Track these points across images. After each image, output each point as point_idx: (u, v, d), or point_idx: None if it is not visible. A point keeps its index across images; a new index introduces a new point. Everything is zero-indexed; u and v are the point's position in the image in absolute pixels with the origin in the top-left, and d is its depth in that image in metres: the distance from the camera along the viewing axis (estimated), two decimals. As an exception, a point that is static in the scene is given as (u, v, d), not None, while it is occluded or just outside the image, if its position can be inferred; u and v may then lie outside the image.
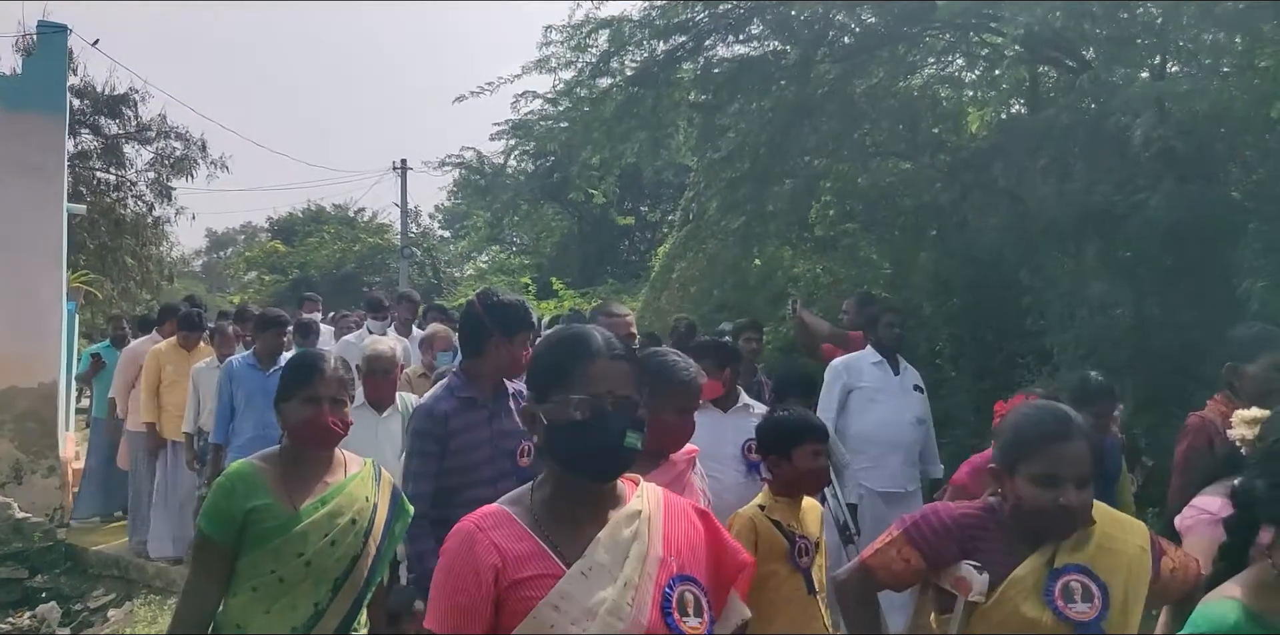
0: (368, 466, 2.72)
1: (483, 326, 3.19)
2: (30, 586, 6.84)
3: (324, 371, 2.59)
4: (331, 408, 2.55)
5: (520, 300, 3.30)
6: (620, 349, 1.69)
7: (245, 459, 2.62)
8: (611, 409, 1.61)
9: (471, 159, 20.92)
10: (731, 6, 7.82)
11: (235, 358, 5.96)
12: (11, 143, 8.33)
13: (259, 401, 5.50)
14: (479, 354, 3.23)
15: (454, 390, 3.20)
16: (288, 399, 2.58)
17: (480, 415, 3.18)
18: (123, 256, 17.67)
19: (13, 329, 8.15)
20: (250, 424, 5.65)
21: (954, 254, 7.55)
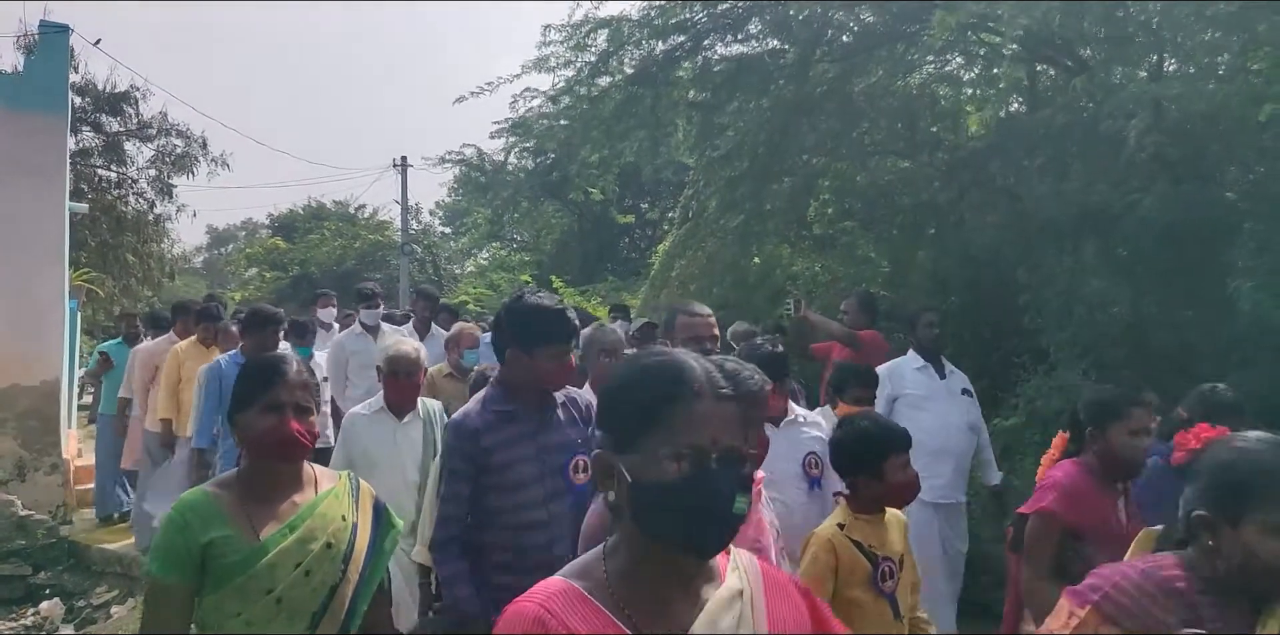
0: (343, 480, 2.39)
1: (503, 335, 2.94)
2: (34, 583, 6.91)
3: (285, 375, 2.24)
4: (296, 416, 2.22)
5: (550, 309, 2.90)
6: (726, 385, 1.34)
7: (197, 487, 2.28)
8: (717, 465, 1.28)
9: (472, 156, 20.93)
10: (730, 6, 7.85)
11: (223, 356, 5.68)
12: (13, 142, 8.37)
13: None
14: (503, 363, 3.00)
15: (488, 403, 2.94)
16: (245, 408, 2.24)
17: (521, 429, 2.91)
18: (124, 254, 17.73)
19: (14, 327, 8.20)
20: None
21: (951, 253, 7.58)
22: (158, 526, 5.86)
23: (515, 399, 2.95)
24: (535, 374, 2.91)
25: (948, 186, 7.95)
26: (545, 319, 2.87)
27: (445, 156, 21.12)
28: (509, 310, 2.94)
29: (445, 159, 21.22)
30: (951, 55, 8.47)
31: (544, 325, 2.87)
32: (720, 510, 1.27)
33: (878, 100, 8.24)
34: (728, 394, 1.33)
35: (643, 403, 1.32)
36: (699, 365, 1.34)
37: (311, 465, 2.38)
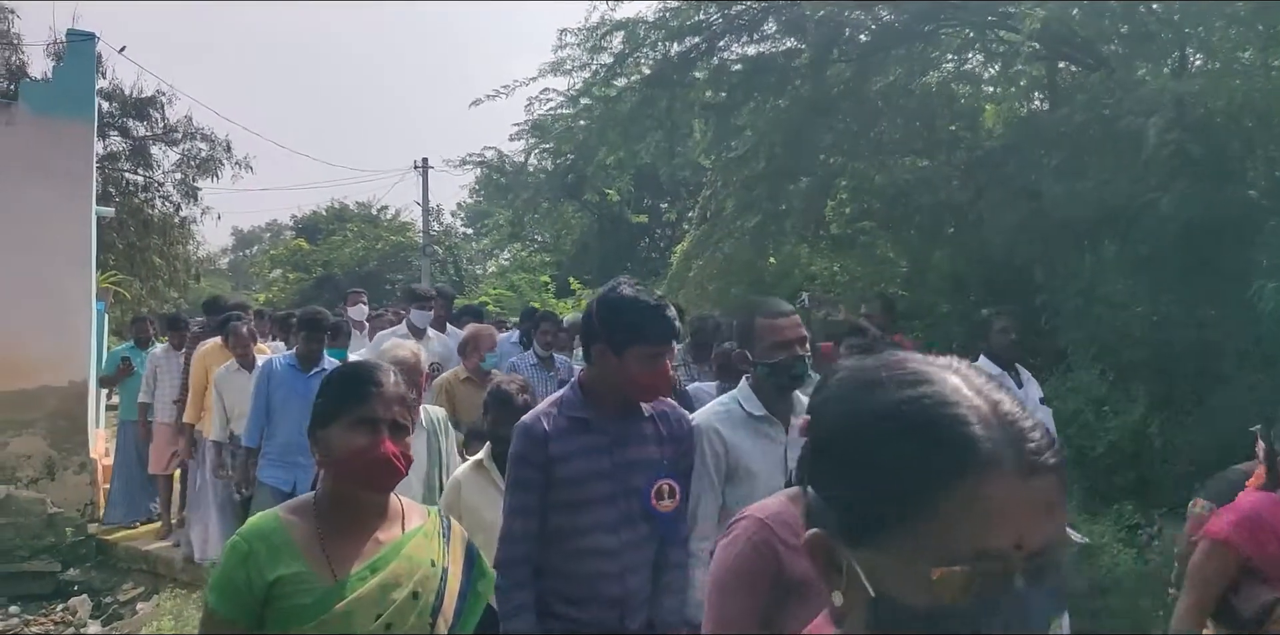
0: (433, 518, 2.03)
1: (591, 329, 2.58)
2: (63, 580, 7.04)
3: (382, 386, 1.91)
4: (392, 435, 1.88)
5: (647, 304, 2.51)
6: (1044, 449, 0.79)
7: (269, 511, 1.95)
8: (1026, 582, 0.77)
9: (492, 158, 21.04)
10: (745, 7, 7.87)
11: (276, 357, 5.60)
12: (42, 147, 8.51)
13: (295, 405, 5.20)
14: (590, 362, 2.66)
15: (564, 407, 2.60)
16: (329, 422, 1.89)
17: (596, 441, 2.56)
18: (150, 256, 17.95)
19: (44, 329, 8.34)
20: (285, 428, 5.31)
21: (969, 252, 7.56)
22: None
23: (595, 405, 2.60)
24: (623, 379, 2.53)
25: (966, 186, 7.93)
26: (640, 315, 2.49)
27: (466, 158, 21.28)
28: (601, 301, 2.56)
29: (466, 161, 21.37)
30: (970, 53, 8.45)
31: (638, 322, 2.49)
32: None
33: (895, 99, 8.23)
34: (1047, 464, 0.79)
35: (899, 473, 0.79)
36: (989, 411, 0.80)
37: (398, 496, 2.02)
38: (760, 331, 2.87)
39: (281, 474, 5.26)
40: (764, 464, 2.81)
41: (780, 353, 2.79)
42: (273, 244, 42.57)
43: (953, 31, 8.00)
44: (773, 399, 2.85)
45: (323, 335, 5.41)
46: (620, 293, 2.53)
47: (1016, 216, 7.14)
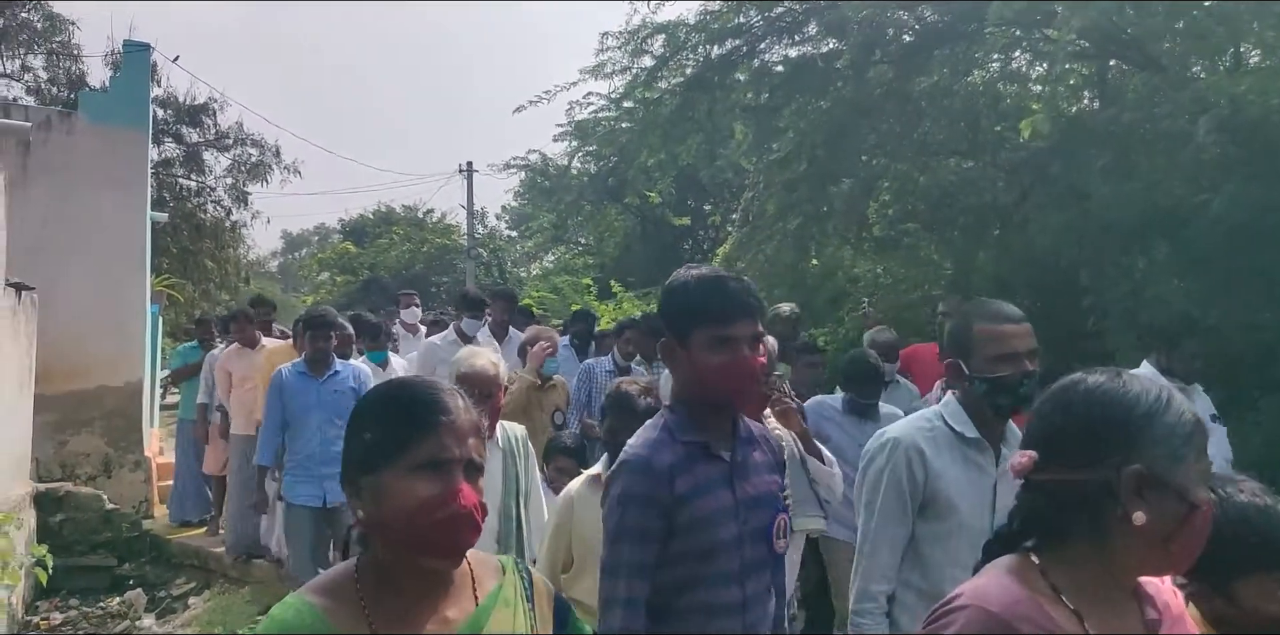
0: (509, 572, 1.52)
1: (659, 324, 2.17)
2: (118, 574, 7.22)
3: (451, 413, 1.38)
4: (468, 478, 1.36)
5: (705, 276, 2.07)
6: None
7: (294, 598, 1.36)
8: None
9: (536, 161, 21.19)
10: (785, 9, 7.85)
11: (284, 367, 5.27)
12: (100, 156, 8.78)
13: (313, 415, 5.04)
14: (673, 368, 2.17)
15: (675, 431, 2.06)
16: (380, 466, 1.34)
17: (716, 471, 2.06)
18: (203, 260, 18.37)
19: (101, 331, 8.59)
20: (305, 440, 5.06)
21: (1014, 254, 7.47)
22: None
23: (703, 424, 2.08)
24: (698, 376, 2.03)
25: (1011, 187, 7.84)
26: (697, 289, 2.04)
27: (510, 162, 21.46)
28: (671, 289, 2.13)
29: (510, 164, 21.56)
30: (1017, 53, 8.35)
31: (696, 298, 2.03)
32: None
33: (939, 100, 8.16)
34: None
35: None
36: None
37: None
38: (980, 340, 2.36)
39: (310, 490, 5.04)
40: (969, 497, 2.35)
41: (1004, 367, 2.31)
42: (320, 247, 43.27)
43: (998, 31, 7.91)
44: (987, 421, 2.39)
45: (329, 333, 5.15)
46: (679, 275, 2.12)
47: (1063, 218, 7.05)
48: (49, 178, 8.50)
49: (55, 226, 8.32)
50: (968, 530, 2.31)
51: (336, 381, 5.16)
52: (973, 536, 2.25)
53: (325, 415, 5.01)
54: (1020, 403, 2.30)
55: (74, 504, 7.33)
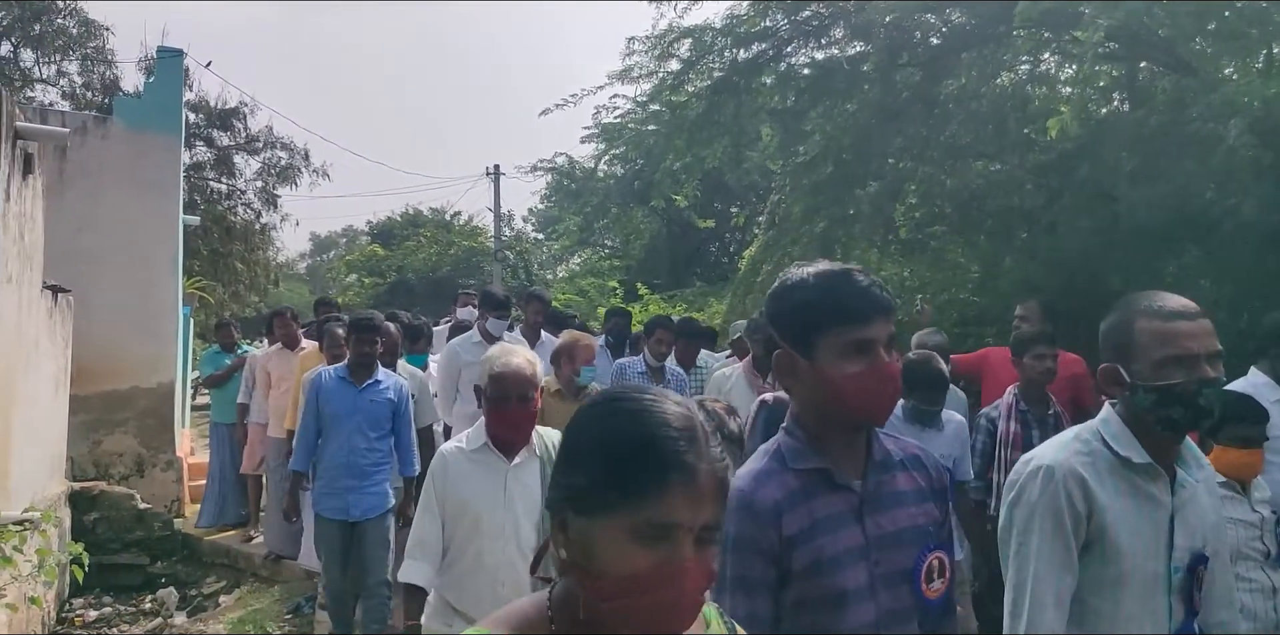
0: (713, 623, 1.31)
1: (771, 335, 1.78)
2: (151, 572, 7.34)
3: (691, 465, 1.09)
4: (700, 547, 1.09)
5: (831, 272, 1.70)
6: None
7: (481, 630, 1.16)
8: None
9: (562, 164, 21.27)
10: (811, 13, 7.84)
11: (326, 369, 5.05)
12: (134, 160, 8.93)
13: (346, 424, 4.82)
14: (785, 386, 1.82)
15: (789, 459, 1.72)
16: (592, 513, 1.10)
17: (841, 504, 1.71)
18: (233, 262, 18.61)
19: (135, 333, 8.73)
20: (334, 450, 4.84)
21: (1042, 258, 7.41)
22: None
23: (826, 448, 1.73)
24: (827, 392, 1.67)
25: (1039, 190, 7.78)
26: (825, 287, 1.67)
27: (537, 165, 21.56)
28: (771, 296, 1.78)
29: (537, 167, 21.66)
30: (1046, 54, 8.29)
31: (823, 298, 1.66)
32: None
33: (966, 102, 8.11)
34: None
35: None
36: None
37: None
38: (1144, 338, 1.95)
39: (334, 503, 4.85)
40: (1140, 537, 1.91)
41: (1177, 372, 1.88)
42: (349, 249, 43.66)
43: (1026, 33, 7.85)
44: (1157, 441, 1.96)
45: (375, 339, 4.88)
46: (791, 274, 1.75)
47: (1092, 221, 6.99)
48: (84, 182, 8.66)
49: (90, 230, 8.46)
50: (1138, 577, 1.91)
51: (376, 391, 4.93)
52: (1144, 584, 1.91)
53: (358, 425, 4.83)
54: (1200, 416, 1.90)
55: (108, 503, 7.45)
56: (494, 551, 2.94)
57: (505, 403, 2.99)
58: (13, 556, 4.26)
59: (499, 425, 3.04)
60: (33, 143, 5.71)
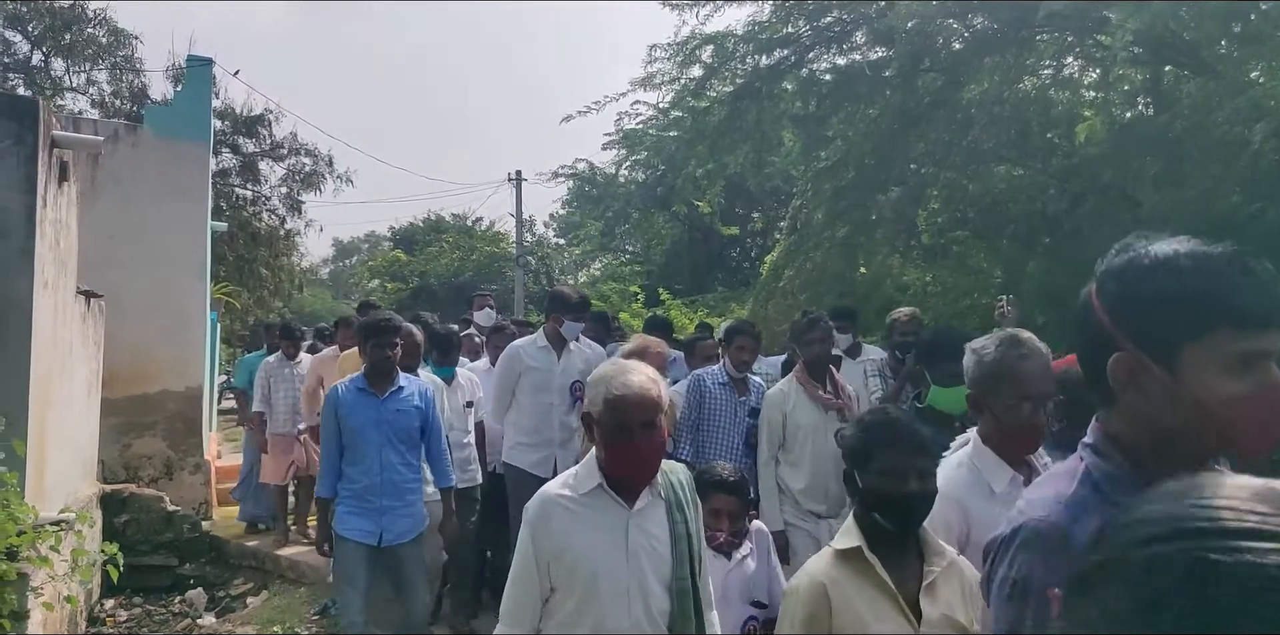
0: None
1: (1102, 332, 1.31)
2: (180, 574, 7.43)
3: None
4: None
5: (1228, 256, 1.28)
6: None
7: None
8: None
9: (584, 170, 21.38)
10: (833, 19, 7.88)
11: (342, 382, 4.54)
12: (163, 167, 9.06)
13: (372, 437, 4.34)
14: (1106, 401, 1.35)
15: (1106, 487, 1.31)
16: None
17: None
18: (258, 268, 18.80)
19: (164, 337, 8.85)
20: (360, 468, 4.36)
21: (1065, 262, 7.40)
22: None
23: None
24: (1194, 416, 1.25)
25: (1062, 194, 7.77)
26: (1205, 274, 1.24)
27: (558, 171, 21.68)
28: (1121, 276, 1.31)
29: (558, 173, 21.78)
30: (1069, 59, 8.28)
31: (1201, 288, 1.23)
32: None
33: (989, 107, 8.12)
34: None
35: None
36: None
37: None
38: None
39: (363, 524, 4.33)
40: None
41: None
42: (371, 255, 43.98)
43: (1050, 37, 7.85)
44: None
45: (393, 341, 4.41)
46: (1148, 252, 1.32)
47: (1115, 226, 6.97)
48: (115, 189, 8.79)
49: (121, 236, 8.59)
50: None
51: (399, 399, 4.46)
52: None
53: (385, 438, 4.37)
54: None
55: (137, 505, 7.54)
56: (617, 616, 2.32)
57: (627, 433, 2.32)
58: (49, 556, 4.34)
59: (620, 461, 2.36)
60: (68, 151, 5.82)
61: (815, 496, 4.48)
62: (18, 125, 4.91)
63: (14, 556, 4.07)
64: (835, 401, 4.58)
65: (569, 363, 5.26)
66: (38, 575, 4.38)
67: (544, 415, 5.18)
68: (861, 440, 2.25)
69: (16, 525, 4.03)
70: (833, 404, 4.56)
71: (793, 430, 4.54)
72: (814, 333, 4.62)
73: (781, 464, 4.59)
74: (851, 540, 2.17)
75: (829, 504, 4.46)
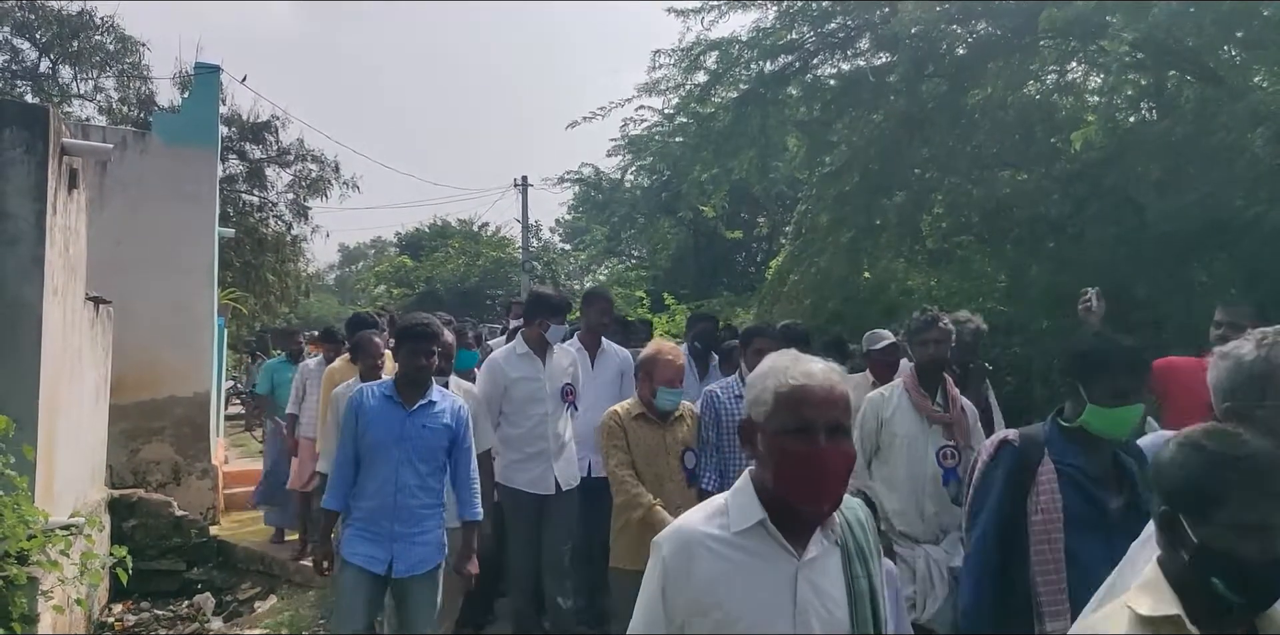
0: None
1: None
2: (187, 578, 7.47)
3: None
4: None
5: None
6: None
7: None
8: None
9: (589, 175, 21.42)
10: (837, 25, 7.91)
11: (370, 386, 4.04)
12: (171, 174, 9.14)
13: (392, 453, 3.82)
14: None
15: None
16: None
17: None
18: (265, 273, 18.89)
19: (172, 343, 8.91)
20: (376, 485, 3.83)
21: (1069, 267, 7.42)
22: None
23: None
24: None
25: (1065, 199, 7.79)
26: None
27: (564, 176, 21.72)
28: None
29: (564, 178, 21.83)
30: (1073, 64, 8.30)
31: None
32: None
33: (992, 112, 8.14)
34: None
35: None
36: None
37: None
38: None
39: (372, 551, 3.81)
40: None
41: None
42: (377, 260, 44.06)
43: (1053, 43, 7.87)
44: None
45: (431, 349, 3.89)
46: None
47: (1118, 230, 6.99)
48: (124, 195, 8.86)
49: (129, 242, 8.65)
50: None
51: (429, 414, 3.93)
52: None
53: (405, 456, 3.84)
54: None
55: (145, 510, 7.58)
56: None
57: (809, 437, 1.70)
58: (59, 560, 4.37)
59: (799, 479, 1.72)
60: (77, 158, 5.87)
61: (910, 518, 4.01)
62: (28, 133, 4.95)
63: (24, 560, 4.10)
64: (943, 415, 4.05)
65: (554, 366, 4.86)
66: (47, 579, 4.41)
67: (537, 427, 4.75)
68: (1207, 477, 1.57)
69: (27, 529, 4.06)
70: (939, 418, 4.05)
71: (888, 439, 4.09)
72: (930, 332, 4.10)
73: (876, 477, 4.13)
74: (1164, 604, 1.59)
75: (925, 527, 4.00)
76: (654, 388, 4.08)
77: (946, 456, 4.00)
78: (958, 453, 3.99)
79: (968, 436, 4.06)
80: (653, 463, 4.09)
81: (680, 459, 4.16)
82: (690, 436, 4.25)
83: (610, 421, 4.14)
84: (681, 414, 4.27)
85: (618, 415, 4.14)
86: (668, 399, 4.10)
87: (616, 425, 4.11)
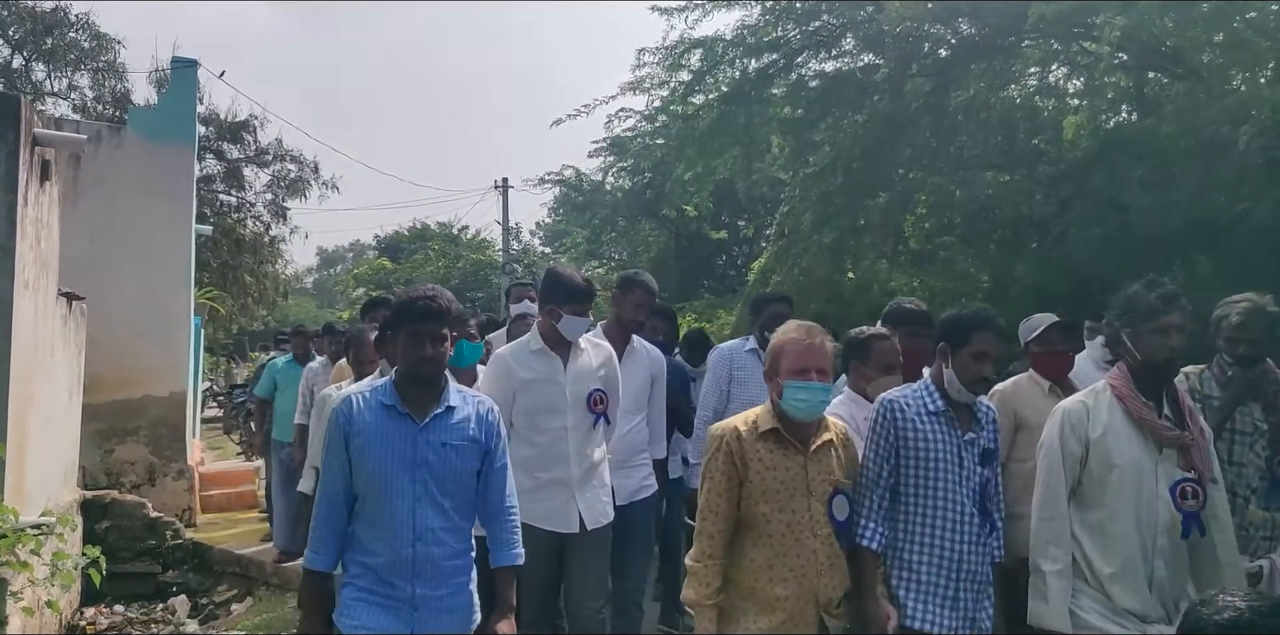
0: None
1: None
2: (162, 581, 7.33)
3: None
4: None
5: None
6: None
7: None
8: None
9: (570, 177, 21.38)
10: (822, 24, 7.92)
11: (360, 394, 2.79)
12: (148, 171, 8.99)
13: (403, 486, 2.66)
14: None
15: None
16: None
17: None
18: (242, 274, 18.68)
19: (148, 342, 8.76)
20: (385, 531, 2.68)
21: (1053, 267, 7.44)
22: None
23: None
24: None
25: (1049, 199, 7.82)
26: None
27: (545, 177, 21.67)
28: None
29: (545, 180, 21.77)
30: (1055, 66, 8.35)
31: None
32: None
33: (976, 113, 8.17)
34: None
35: None
36: None
37: None
38: None
39: (383, 621, 2.66)
40: None
41: None
42: (356, 263, 43.83)
43: (1035, 44, 7.91)
44: None
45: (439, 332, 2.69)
46: None
47: (1102, 230, 7.01)
48: (98, 190, 8.71)
49: (104, 238, 8.51)
50: None
51: (449, 426, 2.76)
52: None
53: (423, 488, 2.69)
54: None
55: (119, 511, 7.44)
56: None
57: None
58: (29, 561, 4.26)
59: None
60: (50, 150, 5.75)
61: (1134, 586, 2.68)
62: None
63: (-7, 560, 3.99)
64: (1178, 435, 2.72)
65: (579, 366, 3.69)
66: (17, 580, 4.30)
67: (554, 446, 3.57)
68: None
69: (-4, 527, 3.96)
70: (1172, 438, 2.71)
71: (1100, 472, 2.73)
72: (1171, 315, 2.71)
73: (1078, 526, 2.78)
74: None
75: (1159, 599, 2.69)
76: (780, 384, 2.68)
77: (1185, 495, 2.69)
78: (1200, 489, 2.69)
79: (1209, 465, 2.78)
80: (785, 506, 2.64)
81: (827, 504, 2.69)
82: (843, 469, 2.77)
83: (721, 440, 2.69)
84: (831, 435, 2.77)
85: (736, 432, 2.67)
86: (798, 398, 2.63)
87: (730, 449, 2.65)
